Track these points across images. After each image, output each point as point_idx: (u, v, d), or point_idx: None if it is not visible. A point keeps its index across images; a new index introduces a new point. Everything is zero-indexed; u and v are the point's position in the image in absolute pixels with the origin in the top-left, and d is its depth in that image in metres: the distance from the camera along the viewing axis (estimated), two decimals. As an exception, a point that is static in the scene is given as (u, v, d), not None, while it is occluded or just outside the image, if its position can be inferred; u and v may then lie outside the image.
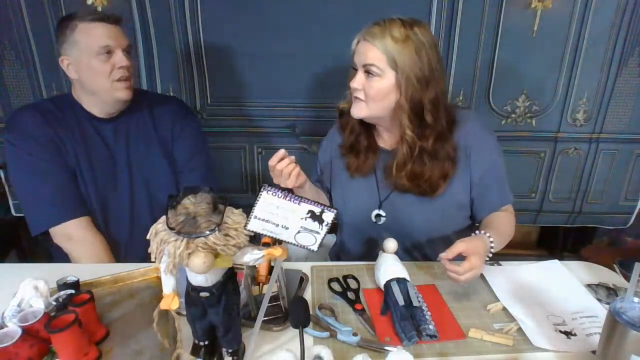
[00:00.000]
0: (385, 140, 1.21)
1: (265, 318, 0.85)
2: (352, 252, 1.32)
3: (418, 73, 1.04)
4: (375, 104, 1.09)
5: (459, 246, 0.97)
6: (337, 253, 1.41)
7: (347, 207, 1.25)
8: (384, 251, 1.08)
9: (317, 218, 0.72)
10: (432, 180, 1.12)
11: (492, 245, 1.04)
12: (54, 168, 1.23)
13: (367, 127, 1.20)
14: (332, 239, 1.48)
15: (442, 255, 0.97)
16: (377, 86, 1.07)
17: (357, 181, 1.23)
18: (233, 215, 0.70)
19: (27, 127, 1.23)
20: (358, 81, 1.08)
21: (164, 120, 1.37)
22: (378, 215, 1.21)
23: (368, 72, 1.07)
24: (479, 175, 1.16)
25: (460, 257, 0.98)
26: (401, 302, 0.92)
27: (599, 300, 1.00)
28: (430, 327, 0.88)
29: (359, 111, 1.11)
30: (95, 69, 1.20)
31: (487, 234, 1.05)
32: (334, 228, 1.38)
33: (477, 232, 1.07)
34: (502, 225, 1.14)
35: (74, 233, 1.23)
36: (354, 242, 1.31)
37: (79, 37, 1.18)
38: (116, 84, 1.22)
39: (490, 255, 1.05)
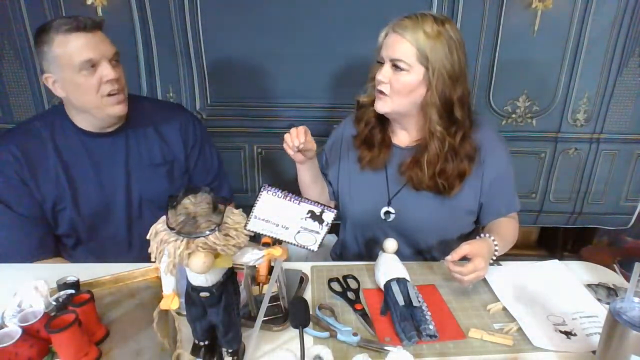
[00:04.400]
0: (400, 138, 1.21)
1: (265, 318, 0.85)
2: (356, 251, 1.32)
3: (450, 69, 1.05)
4: (400, 99, 1.09)
5: (464, 248, 0.98)
6: (340, 252, 1.41)
7: (354, 202, 1.24)
8: (384, 251, 1.08)
9: (317, 218, 0.72)
10: (451, 179, 1.12)
11: (497, 249, 1.05)
12: (16, 212, 1.17)
13: (382, 122, 1.20)
14: (332, 238, 1.48)
15: (448, 258, 0.98)
16: (403, 80, 1.06)
17: (367, 175, 1.22)
18: (233, 215, 0.70)
19: (2, 165, 1.16)
20: (384, 74, 1.07)
21: (173, 139, 1.30)
22: (387, 213, 1.20)
23: (395, 66, 1.06)
24: (489, 182, 1.17)
25: (465, 260, 0.99)
26: (401, 302, 0.92)
27: (599, 300, 1.00)
28: (430, 327, 0.88)
29: (382, 106, 1.11)
30: (80, 86, 1.09)
31: (492, 238, 1.05)
32: (334, 228, 1.38)
33: (482, 235, 1.07)
34: (506, 230, 1.15)
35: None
36: (358, 240, 1.30)
37: (58, 52, 1.07)
38: (107, 100, 1.12)
39: (494, 258, 1.06)
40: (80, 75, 1.09)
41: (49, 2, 1.58)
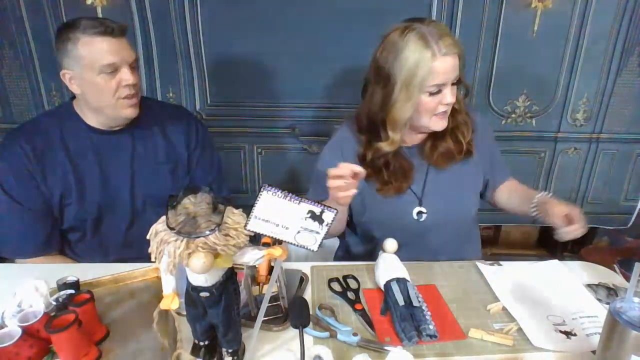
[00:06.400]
0: (411, 138, 1.20)
1: (265, 318, 0.85)
2: (361, 254, 1.30)
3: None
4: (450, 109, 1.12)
5: (561, 209, 1.02)
6: (343, 255, 1.38)
7: (381, 215, 1.20)
8: (384, 251, 1.08)
9: (317, 218, 0.72)
10: (467, 135, 1.18)
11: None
12: (25, 205, 1.20)
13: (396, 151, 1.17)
14: (334, 241, 1.47)
15: (565, 230, 1.00)
16: (459, 91, 1.11)
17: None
18: (233, 215, 0.70)
19: (11, 159, 1.19)
20: (452, 96, 1.07)
21: (177, 139, 1.33)
22: (420, 213, 1.19)
23: (455, 84, 1.07)
24: (489, 160, 1.26)
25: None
26: (401, 302, 0.92)
27: (599, 300, 1.00)
28: (430, 327, 0.88)
29: (445, 123, 1.12)
30: (98, 87, 1.13)
31: (545, 193, 1.13)
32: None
33: (541, 195, 1.13)
34: (526, 188, 1.27)
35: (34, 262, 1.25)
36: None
37: (82, 52, 1.10)
38: (122, 102, 1.17)
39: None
40: (100, 77, 1.12)
41: (48, 2, 1.58)
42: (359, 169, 0.94)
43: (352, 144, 1.21)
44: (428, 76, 1.02)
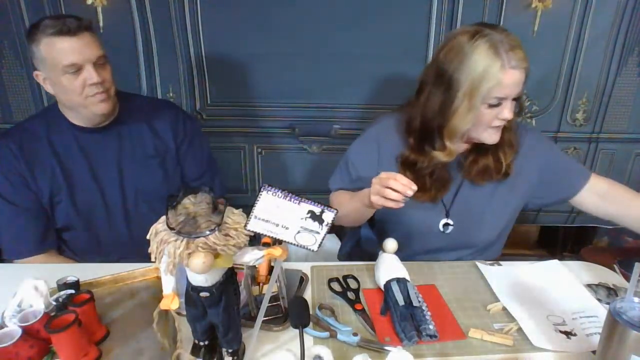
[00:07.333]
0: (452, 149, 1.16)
1: (265, 318, 0.85)
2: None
3: None
4: None
5: None
6: (349, 253, 1.37)
7: (407, 219, 1.18)
8: (384, 251, 1.08)
9: (317, 218, 0.72)
10: (508, 154, 1.12)
11: None
12: (17, 205, 1.21)
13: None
14: (333, 239, 1.47)
15: None
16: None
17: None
18: (233, 215, 0.70)
19: (0, 161, 1.21)
20: (511, 111, 1.03)
21: (164, 132, 1.33)
22: (446, 225, 1.17)
23: (514, 100, 1.03)
24: (542, 179, 1.17)
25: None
26: (401, 302, 0.92)
27: (599, 300, 1.00)
28: (430, 327, 0.88)
29: (497, 138, 1.07)
30: (64, 87, 1.13)
31: None
32: (334, 228, 1.36)
33: None
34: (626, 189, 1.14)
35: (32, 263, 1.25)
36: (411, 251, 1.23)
37: (44, 54, 1.09)
38: (90, 99, 1.15)
39: None
40: (65, 78, 1.12)
41: (49, 2, 1.58)
42: (415, 187, 0.92)
43: (394, 142, 1.16)
44: (494, 87, 0.98)
